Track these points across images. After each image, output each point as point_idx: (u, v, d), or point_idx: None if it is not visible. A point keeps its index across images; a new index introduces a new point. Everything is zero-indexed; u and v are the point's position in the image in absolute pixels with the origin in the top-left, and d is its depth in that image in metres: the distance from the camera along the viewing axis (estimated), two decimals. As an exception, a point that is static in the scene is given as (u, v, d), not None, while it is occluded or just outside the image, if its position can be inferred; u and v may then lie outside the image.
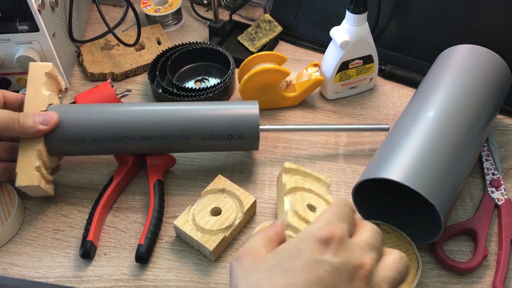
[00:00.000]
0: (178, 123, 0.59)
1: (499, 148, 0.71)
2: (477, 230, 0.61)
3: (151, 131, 0.59)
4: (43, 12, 0.73)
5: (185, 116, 0.60)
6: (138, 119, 0.59)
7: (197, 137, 0.59)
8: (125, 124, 0.58)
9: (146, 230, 0.61)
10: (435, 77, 0.67)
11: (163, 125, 0.59)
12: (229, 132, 0.59)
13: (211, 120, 0.59)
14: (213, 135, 0.59)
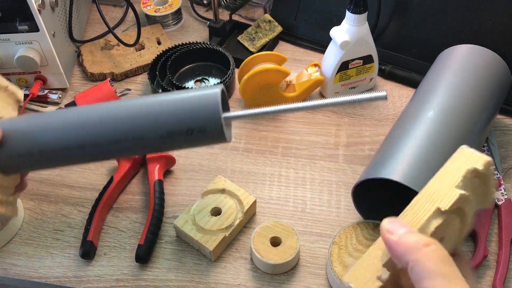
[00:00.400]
0: (126, 122, 0.49)
1: (499, 148, 0.71)
2: (477, 230, 0.61)
3: (99, 136, 0.50)
4: (43, 12, 0.73)
5: (134, 113, 0.50)
6: (82, 123, 0.50)
7: (153, 137, 0.49)
8: (69, 131, 0.50)
9: (146, 230, 0.61)
10: (435, 77, 0.67)
11: (110, 127, 0.50)
12: (187, 126, 0.49)
13: (163, 115, 0.49)
14: (170, 132, 0.49)
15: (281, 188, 0.68)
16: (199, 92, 0.49)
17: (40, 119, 0.52)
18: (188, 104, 0.49)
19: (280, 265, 0.58)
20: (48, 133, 0.50)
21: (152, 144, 0.50)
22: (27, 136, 0.51)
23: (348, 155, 0.72)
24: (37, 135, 0.51)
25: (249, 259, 0.61)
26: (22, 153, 0.51)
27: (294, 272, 0.60)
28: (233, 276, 0.60)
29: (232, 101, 0.81)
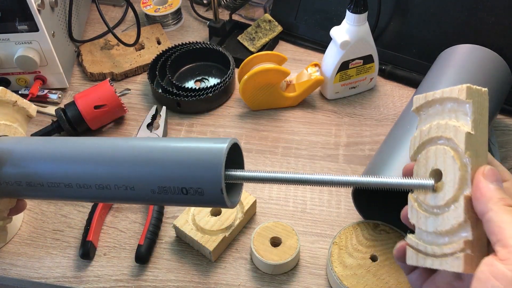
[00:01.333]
0: (118, 169, 0.44)
1: (500, 148, 0.71)
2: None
3: (87, 179, 0.45)
4: (43, 12, 0.73)
5: (127, 158, 0.44)
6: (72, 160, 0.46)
7: (143, 189, 0.43)
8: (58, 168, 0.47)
9: (146, 231, 0.61)
10: (435, 77, 0.67)
11: (100, 171, 0.45)
12: (181, 184, 0.42)
13: (157, 166, 0.43)
14: (162, 187, 0.43)
15: (281, 188, 0.68)
16: (203, 145, 0.43)
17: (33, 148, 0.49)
18: (187, 158, 0.42)
19: (280, 265, 0.58)
20: (37, 167, 0.48)
21: (143, 197, 0.45)
22: (16, 166, 0.48)
23: (348, 155, 0.72)
24: (26, 166, 0.48)
25: (249, 259, 0.61)
26: (8, 181, 0.49)
27: (294, 272, 0.60)
28: (233, 276, 0.60)
29: (232, 101, 0.81)
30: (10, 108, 0.53)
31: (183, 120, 0.78)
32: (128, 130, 0.77)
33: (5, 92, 0.51)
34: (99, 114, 0.73)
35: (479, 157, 0.37)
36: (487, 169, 0.36)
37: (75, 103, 0.73)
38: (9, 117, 0.53)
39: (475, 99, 0.37)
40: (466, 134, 0.36)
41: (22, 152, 0.49)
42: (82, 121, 0.73)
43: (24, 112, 0.55)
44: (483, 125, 0.37)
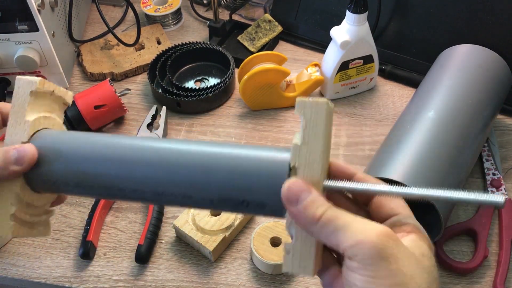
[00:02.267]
0: (176, 176, 0.42)
1: (500, 148, 0.71)
2: (478, 230, 0.61)
3: (143, 185, 0.44)
4: (43, 12, 0.73)
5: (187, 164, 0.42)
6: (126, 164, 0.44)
7: (201, 198, 0.42)
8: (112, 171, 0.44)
9: (146, 231, 0.61)
10: (435, 77, 0.67)
11: (158, 177, 0.43)
12: (243, 197, 0.40)
13: (218, 176, 0.41)
14: (222, 199, 0.41)
15: (281, 188, 0.68)
16: (267, 154, 0.40)
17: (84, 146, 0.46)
18: (251, 169, 0.40)
19: (280, 265, 0.58)
20: (88, 167, 0.45)
21: (199, 204, 0.42)
22: (65, 164, 0.46)
23: (348, 155, 0.72)
24: (76, 166, 0.45)
25: (249, 259, 0.61)
26: (55, 180, 0.46)
27: (294, 272, 0.60)
28: (233, 276, 0.60)
29: (232, 101, 0.81)
30: (47, 99, 0.51)
31: (183, 120, 0.78)
32: (128, 130, 0.77)
33: (43, 83, 0.49)
34: (99, 114, 0.73)
35: (313, 164, 0.37)
36: (285, 192, 0.36)
37: (75, 103, 0.73)
38: (47, 108, 0.51)
39: (307, 111, 0.38)
40: (293, 146, 0.38)
41: (72, 150, 0.46)
42: (82, 121, 0.73)
43: (60, 100, 0.53)
44: (316, 135, 0.38)
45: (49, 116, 0.51)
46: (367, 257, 0.33)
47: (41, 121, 0.49)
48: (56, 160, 0.46)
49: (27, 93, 0.49)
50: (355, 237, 0.33)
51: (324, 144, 0.38)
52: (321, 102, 0.38)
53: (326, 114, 0.38)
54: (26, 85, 0.49)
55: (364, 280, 0.33)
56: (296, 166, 0.37)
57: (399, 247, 0.34)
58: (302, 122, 0.38)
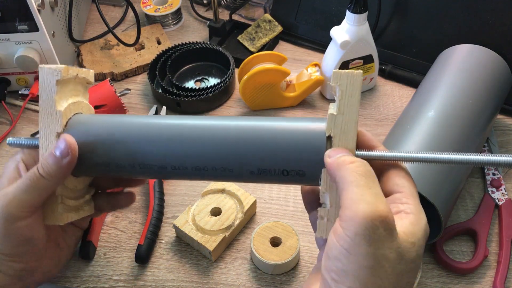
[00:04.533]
0: (217, 151, 0.43)
1: (500, 148, 0.71)
2: (478, 230, 0.61)
3: (184, 161, 0.44)
4: (43, 12, 0.73)
5: (227, 139, 0.42)
6: (167, 142, 0.44)
7: (242, 170, 0.42)
8: (153, 149, 0.44)
9: (146, 231, 0.61)
10: (435, 77, 0.67)
11: (200, 153, 0.43)
12: (283, 167, 0.41)
13: (258, 149, 0.41)
14: (262, 169, 0.42)
15: (281, 188, 0.68)
16: (303, 125, 0.41)
17: (121, 128, 0.47)
18: (289, 139, 0.41)
19: (280, 265, 0.58)
20: (127, 148, 0.45)
21: (239, 177, 0.44)
22: (104, 148, 0.46)
23: (348, 155, 0.72)
24: (114, 147, 0.46)
25: (249, 259, 0.61)
26: (96, 163, 0.47)
27: (294, 272, 0.60)
28: (233, 276, 0.60)
29: (232, 101, 0.81)
30: (72, 83, 0.51)
31: (183, 120, 0.78)
32: (128, 130, 0.77)
33: (67, 70, 0.49)
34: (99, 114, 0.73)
35: (348, 133, 0.40)
36: (329, 150, 0.39)
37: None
38: (73, 92, 0.52)
39: (343, 82, 0.40)
40: (329, 116, 0.40)
41: (107, 133, 0.47)
42: (82, 121, 0.73)
43: (84, 81, 0.53)
44: (351, 106, 0.40)
45: (77, 100, 0.51)
46: (353, 230, 0.33)
47: (71, 108, 0.50)
48: (93, 144, 0.47)
49: (53, 83, 0.49)
50: (356, 205, 0.34)
51: (357, 115, 0.40)
52: (356, 73, 0.40)
53: (360, 86, 0.40)
54: (51, 74, 0.49)
55: (340, 250, 0.34)
56: (332, 135, 0.40)
57: (387, 237, 0.34)
58: (338, 93, 0.40)
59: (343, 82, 0.40)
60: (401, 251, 0.34)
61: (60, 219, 0.49)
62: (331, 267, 0.34)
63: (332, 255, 0.34)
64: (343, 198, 0.35)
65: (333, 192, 0.39)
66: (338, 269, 0.34)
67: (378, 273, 0.33)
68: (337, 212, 0.38)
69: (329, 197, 0.39)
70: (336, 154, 0.38)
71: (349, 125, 0.39)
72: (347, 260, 0.34)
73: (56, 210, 0.48)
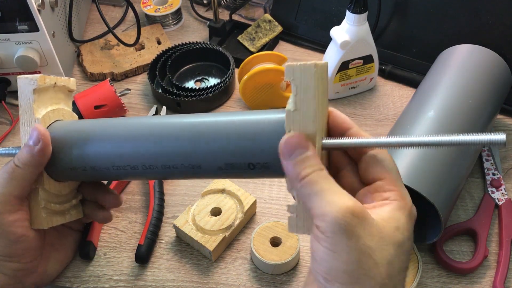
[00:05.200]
0: (185, 146, 0.43)
1: (500, 148, 0.71)
2: (478, 230, 0.61)
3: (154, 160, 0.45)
4: (43, 12, 0.73)
5: (193, 135, 0.43)
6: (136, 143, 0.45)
7: (210, 167, 0.43)
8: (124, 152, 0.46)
9: (146, 230, 0.61)
10: (435, 77, 0.67)
11: (168, 151, 0.44)
12: (249, 160, 0.41)
13: (223, 143, 0.42)
14: (229, 164, 0.42)
15: (281, 188, 0.68)
16: (265, 117, 0.42)
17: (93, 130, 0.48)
18: (251, 132, 0.41)
19: (280, 265, 0.58)
20: (101, 150, 0.47)
21: (209, 173, 0.44)
22: (79, 150, 0.47)
23: (348, 155, 0.72)
24: (89, 150, 0.47)
25: (249, 259, 0.61)
26: (72, 166, 0.48)
27: (294, 272, 0.60)
28: (233, 276, 0.60)
29: (232, 101, 0.81)
30: (51, 91, 0.52)
31: (183, 120, 0.78)
32: (128, 130, 0.77)
33: (43, 79, 0.51)
34: (99, 114, 0.73)
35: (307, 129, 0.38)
36: (282, 144, 0.38)
37: (75, 103, 0.73)
38: (53, 100, 0.53)
39: (297, 75, 0.38)
40: (286, 112, 0.38)
41: (85, 137, 0.48)
42: (82, 121, 0.73)
43: (65, 89, 0.55)
44: (308, 100, 0.38)
45: (57, 107, 0.52)
46: (330, 229, 0.34)
47: (50, 115, 0.51)
48: (70, 148, 0.48)
49: (30, 92, 0.50)
50: (323, 207, 0.35)
51: (317, 107, 0.38)
52: (308, 64, 0.37)
53: (316, 77, 0.38)
54: (28, 84, 0.50)
55: (324, 251, 0.34)
56: (291, 131, 0.38)
57: (364, 225, 0.34)
58: (293, 88, 0.38)
59: (297, 76, 0.38)
60: (383, 236, 0.35)
61: (44, 223, 0.50)
62: (320, 268, 0.35)
63: (318, 257, 0.35)
64: (311, 209, 0.36)
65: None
66: (327, 269, 0.34)
67: (367, 264, 0.34)
68: (305, 208, 0.38)
69: (296, 193, 0.38)
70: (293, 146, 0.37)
71: (308, 120, 0.38)
72: (333, 259, 0.34)
73: (39, 214, 0.50)
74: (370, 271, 0.34)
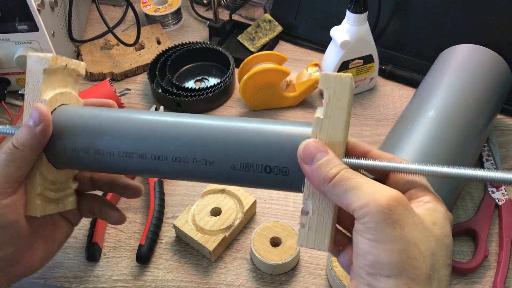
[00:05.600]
0: (200, 140, 0.42)
1: (500, 148, 0.71)
2: (478, 230, 0.61)
3: (164, 150, 0.43)
4: (43, 12, 0.73)
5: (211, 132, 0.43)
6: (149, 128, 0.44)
7: (223, 165, 0.42)
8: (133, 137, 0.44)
9: (146, 230, 0.61)
10: (436, 77, 0.67)
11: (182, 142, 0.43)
12: (266, 162, 0.41)
13: (242, 143, 0.41)
14: (244, 164, 0.41)
15: (281, 188, 0.68)
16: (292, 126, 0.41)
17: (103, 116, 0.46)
18: (274, 136, 0.41)
19: (280, 265, 0.58)
20: (108, 134, 0.45)
21: (221, 173, 0.42)
22: (82, 130, 0.46)
23: (348, 155, 0.72)
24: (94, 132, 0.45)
25: (249, 259, 0.61)
26: (75, 147, 0.46)
27: (294, 272, 0.60)
28: (233, 276, 0.60)
29: (232, 101, 0.81)
30: (61, 73, 0.50)
31: (183, 120, 0.78)
32: (128, 130, 0.77)
33: (56, 59, 0.49)
34: (99, 114, 0.73)
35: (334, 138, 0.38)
36: (301, 149, 0.37)
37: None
38: (61, 82, 0.51)
39: (331, 85, 0.39)
40: (315, 119, 0.38)
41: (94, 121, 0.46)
42: (82, 121, 0.73)
43: (74, 72, 0.52)
44: (339, 109, 0.38)
45: (64, 91, 0.50)
46: (373, 220, 0.33)
47: (57, 98, 0.49)
48: (75, 134, 0.46)
49: (40, 72, 0.48)
50: (364, 199, 0.34)
51: (346, 120, 0.38)
52: (345, 76, 0.38)
53: (350, 89, 0.39)
54: (39, 63, 0.48)
55: (367, 243, 0.33)
56: (317, 139, 0.38)
57: (407, 214, 0.33)
58: (325, 96, 0.38)
59: (331, 86, 0.39)
60: (426, 227, 0.34)
61: (38, 211, 0.48)
62: (363, 262, 0.34)
63: (361, 251, 0.34)
64: (348, 205, 0.35)
65: (316, 199, 0.38)
66: (371, 262, 0.33)
67: (413, 254, 0.33)
68: (319, 220, 0.37)
69: (312, 205, 0.38)
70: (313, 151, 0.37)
71: (336, 130, 0.38)
72: (377, 251, 0.33)
73: (33, 201, 0.48)
74: (416, 261, 0.33)
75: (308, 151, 0.37)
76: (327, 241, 0.37)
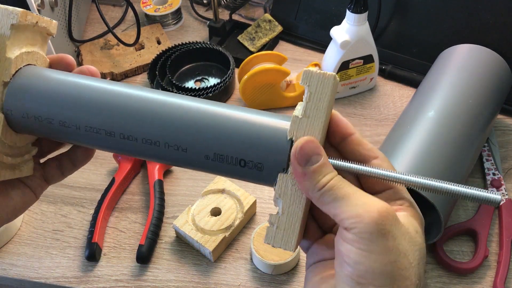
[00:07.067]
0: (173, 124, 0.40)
1: (500, 148, 0.71)
2: (478, 230, 0.61)
3: (135, 130, 0.41)
4: (43, 11, 0.73)
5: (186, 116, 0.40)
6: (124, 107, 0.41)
7: (196, 154, 0.40)
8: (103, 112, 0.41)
9: (147, 230, 0.61)
10: (436, 77, 0.67)
11: (154, 124, 0.40)
12: (241, 156, 0.39)
13: (218, 132, 0.39)
14: (218, 155, 0.39)
15: (281, 188, 0.68)
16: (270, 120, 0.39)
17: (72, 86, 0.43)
18: (252, 129, 0.39)
19: (280, 265, 0.58)
20: (75, 105, 0.41)
21: (193, 161, 0.40)
22: (50, 100, 0.42)
23: (348, 155, 0.72)
24: (62, 103, 0.42)
25: (249, 259, 0.61)
26: (39, 116, 0.43)
27: (294, 272, 0.60)
28: (233, 276, 0.60)
29: (232, 101, 0.81)
30: (30, 30, 0.46)
31: (183, 120, 0.78)
32: (128, 130, 0.77)
33: (25, 15, 0.44)
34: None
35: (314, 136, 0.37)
36: (297, 149, 0.36)
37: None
38: (29, 41, 0.46)
39: (313, 83, 0.37)
40: (293, 118, 0.37)
41: (61, 87, 0.42)
42: (82, 121, 0.73)
43: (44, 31, 0.48)
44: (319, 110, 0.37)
45: (32, 50, 0.46)
46: (366, 231, 0.33)
47: (23, 57, 0.45)
48: (39, 101, 0.42)
49: (7, 27, 0.44)
50: (356, 210, 0.34)
51: (324, 121, 0.37)
52: (328, 75, 0.37)
53: (332, 90, 0.37)
54: (6, 17, 0.44)
55: (358, 253, 0.33)
56: (294, 139, 0.37)
57: (397, 225, 0.34)
58: (306, 94, 0.37)
59: (313, 83, 0.37)
60: (411, 237, 0.35)
61: None
62: (351, 272, 0.34)
63: (351, 260, 0.34)
64: (335, 215, 0.35)
65: (286, 199, 0.37)
66: (363, 272, 0.33)
67: (403, 265, 0.33)
68: (288, 220, 0.37)
69: (283, 204, 0.37)
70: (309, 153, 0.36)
71: (314, 131, 0.37)
72: (369, 261, 0.33)
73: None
74: (406, 271, 0.33)
75: (303, 152, 0.36)
76: (294, 242, 0.37)
